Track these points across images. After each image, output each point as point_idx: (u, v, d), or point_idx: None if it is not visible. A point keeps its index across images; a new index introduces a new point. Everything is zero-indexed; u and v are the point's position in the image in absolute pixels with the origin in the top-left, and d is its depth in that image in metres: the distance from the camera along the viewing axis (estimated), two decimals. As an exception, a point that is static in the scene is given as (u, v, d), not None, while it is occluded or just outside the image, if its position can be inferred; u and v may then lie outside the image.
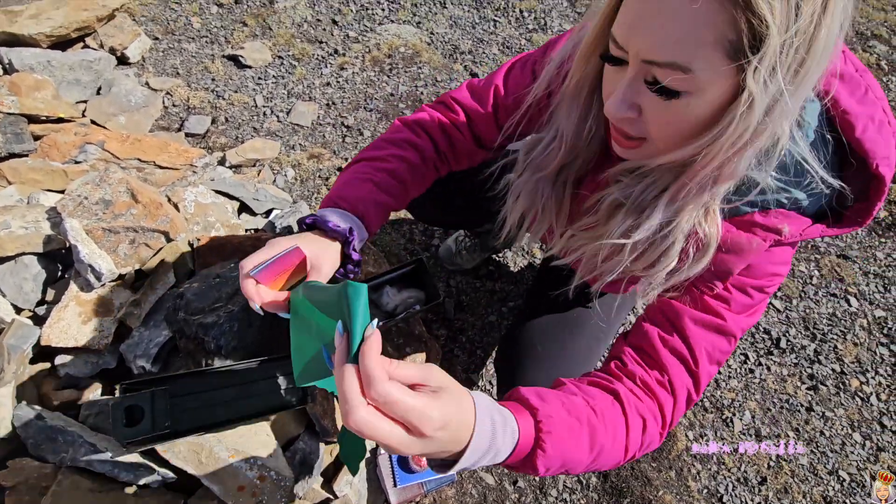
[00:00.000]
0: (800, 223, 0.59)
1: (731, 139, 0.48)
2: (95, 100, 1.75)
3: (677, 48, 0.45)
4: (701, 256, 0.60)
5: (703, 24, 0.43)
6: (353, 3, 2.28)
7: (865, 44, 2.37)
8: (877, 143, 0.55)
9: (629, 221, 0.61)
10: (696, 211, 0.57)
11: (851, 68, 0.57)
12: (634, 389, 0.62)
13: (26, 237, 1.08)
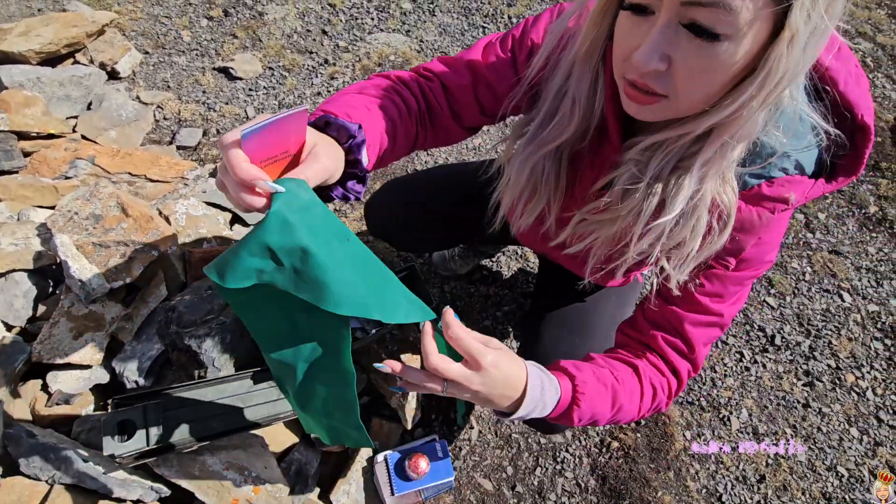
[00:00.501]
0: (804, 187, 0.60)
1: (770, 86, 0.47)
2: (86, 115, 1.75)
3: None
4: (723, 228, 0.60)
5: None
6: (343, 14, 2.29)
7: (850, 41, 2.39)
8: (858, 95, 0.57)
9: (653, 199, 0.59)
10: (717, 179, 0.57)
11: None
12: (649, 367, 0.72)
13: (16, 254, 1.08)
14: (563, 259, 0.91)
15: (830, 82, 0.57)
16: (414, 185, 1.15)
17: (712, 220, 0.60)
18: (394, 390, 0.76)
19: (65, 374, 1.02)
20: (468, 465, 1.32)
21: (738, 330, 1.59)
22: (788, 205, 0.61)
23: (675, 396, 0.73)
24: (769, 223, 0.63)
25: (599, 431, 1.38)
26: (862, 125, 0.58)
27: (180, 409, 0.94)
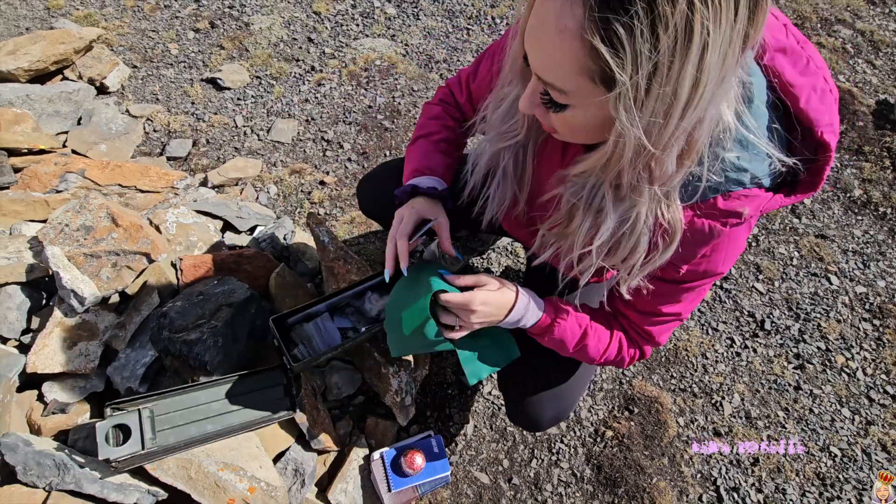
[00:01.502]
0: (759, 201, 0.61)
1: (620, 153, 0.52)
2: (76, 130, 1.77)
3: (553, 73, 0.51)
4: (669, 243, 0.63)
5: (570, 55, 0.47)
6: (328, 21, 2.32)
7: (830, 28, 2.42)
8: (820, 112, 0.58)
9: (588, 223, 0.64)
10: (652, 204, 0.59)
11: (793, 41, 0.60)
12: (622, 334, 0.85)
13: (9, 268, 1.09)
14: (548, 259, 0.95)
15: (791, 99, 0.58)
16: (400, 167, 1.17)
17: (657, 238, 0.63)
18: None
19: (60, 384, 1.04)
20: (464, 460, 1.33)
21: (727, 316, 1.61)
22: (741, 219, 0.62)
23: (635, 362, 0.90)
24: (722, 236, 0.65)
25: (593, 421, 1.40)
26: (821, 142, 0.58)
27: (175, 413, 0.96)
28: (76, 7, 2.30)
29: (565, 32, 0.46)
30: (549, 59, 0.50)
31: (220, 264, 1.22)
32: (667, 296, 0.75)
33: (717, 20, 0.42)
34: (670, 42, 0.42)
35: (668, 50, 0.43)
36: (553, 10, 0.46)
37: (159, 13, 2.31)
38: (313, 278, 1.45)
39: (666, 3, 0.41)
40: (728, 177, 0.59)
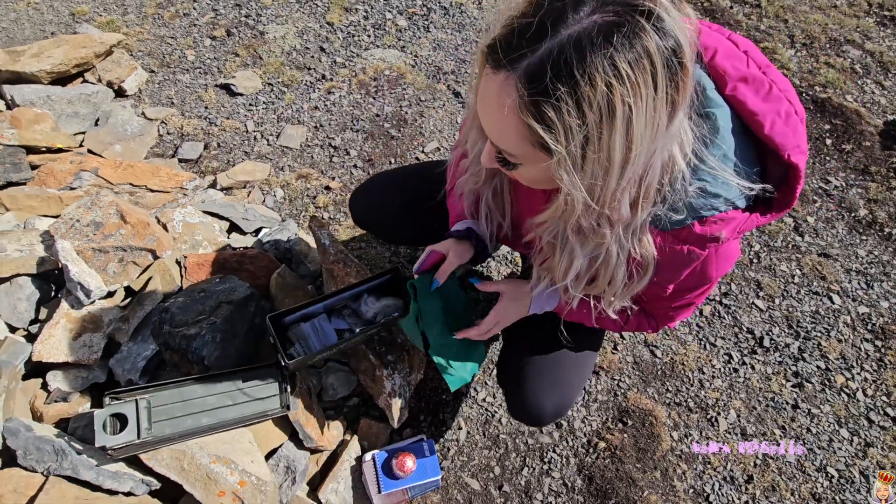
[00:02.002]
0: (736, 223, 0.64)
1: (572, 208, 0.57)
2: (93, 131, 1.83)
3: (501, 140, 0.58)
4: (644, 274, 0.69)
5: (512, 128, 0.54)
6: (340, 31, 2.38)
7: (839, 48, 2.43)
8: (786, 136, 0.61)
9: (564, 261, 0.70)
10: (622, 241, 0.64)
11: (755, 69, 0.63)
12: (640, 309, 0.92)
13: (21, 259, 1.14)
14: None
15: (756, 126, 0.61)
16: (394, 179, 1.21)
17: (632, 269, 0.69)
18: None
19: (64, 373, 1.07)
20: (456, 465, 1.33)
21: (726, 332, 1.61)
22: (719, 242, 0.65)
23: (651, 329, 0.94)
24: (702, 258, 0.69)
25: (586, 432, 1.40)
26: (790, 164, 0.61)
27: (171, 405, 0.98)
28: (99, 13, 2.39)
29: (505, 109, 0.52)
30: (496, 129, 0.57)
31: (223, 263, 1.25)
32: (673, 299, 0.81)
33: (637, 94, 0.47)
34: (596, 117, 0.48)
35: (595, 123, 0.48)
36: (494, 89, 0.53)
37: (178, 21, 2.38)
38: (314, 280, 1.48)
39: (587, 85, 0.46)
40: (703, 203, 0.62)
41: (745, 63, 0.63)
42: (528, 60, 0.49)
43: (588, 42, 0.46)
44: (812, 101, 2.19)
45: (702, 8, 2.58)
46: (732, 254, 0.73)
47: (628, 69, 0.46)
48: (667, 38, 0.47)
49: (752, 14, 2.55)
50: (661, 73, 0.48)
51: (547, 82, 0.48)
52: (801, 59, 2.35)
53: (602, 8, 0.47)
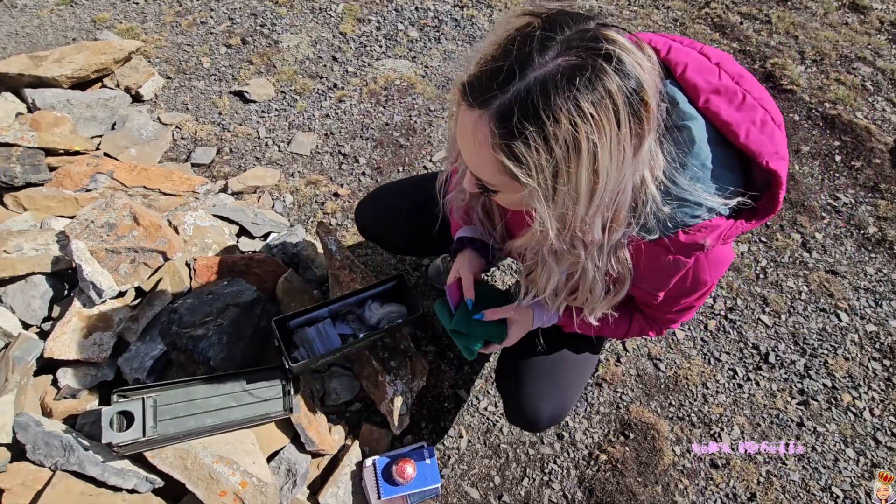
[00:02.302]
0: (721, 230, 0.65)
1: (546, 234, 0.60)
2: (110, 134, 1.88)
3: (478, 171, 0.61)
4: (621, 287, 0.73)
5: (486, 161, 0.57)
6: (353, 41, 2.42)
7: (850, 66, 2.43)
8: (762, 143, 0.62)
9: (545, 277, 0.74)
10: (599, 258, 0.67)
11: (727, 80, 0.65)
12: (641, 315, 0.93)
13: (37, 258, 1.17)
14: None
15: (732, 137, 0.63)
16: (397, 190, 1.22)
17: (610, 284, 0.73)
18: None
19: (74, 371, 1.09)
20: (456, 473, 1.34)
21: (731, 347, 1.60)
22: (704, 250, 0.67)
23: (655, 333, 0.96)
24: (690, 265, 0.70)
25: (588, 444, 1.39)
26: (768, 170, 0.63)
27: (177, 404, 1.00)
28: (120, 21, 2.46)
29: (479, 143, 0.56)
30: (473, 161, 0.60)
31: (231, 266, 1.28)
32: (670, 304, 0.82)
33: (601, 131, 0.51)
34: (563, 153, 0.52)
35: (562, 159, 0.52)
36: (469, 125, 0.56)
37: (195, 29, 2.44)
38: (320, 285, 1.50)
39: (553, 125, 0.50)
40: (686, 212, 0.64)
41: (716, 75, 0.65)
42: (499, 101, 0.53)
43: (553, 84, 0.50)
44: (822, 118, 2.19)
45: (712, 23, 2.60)
46: (725, 258, 0.74)
47: (591, 109, 0.50)
48: (627, 79, 0.51)
49: (763, 30, 2.56)
50: (623, 110, 0.51)
51: (515, 122, 0.51)
52: (811, 76, 2.35)
53: (566, 52, 0.51)
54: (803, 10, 2.65)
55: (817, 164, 2.05)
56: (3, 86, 1.87)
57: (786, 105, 2.24)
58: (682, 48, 0.68)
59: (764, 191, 0.64)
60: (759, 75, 2.36)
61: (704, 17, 2.63)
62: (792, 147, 2.10)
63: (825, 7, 2.67)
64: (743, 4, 2.68)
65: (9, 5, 2.54)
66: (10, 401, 0.97)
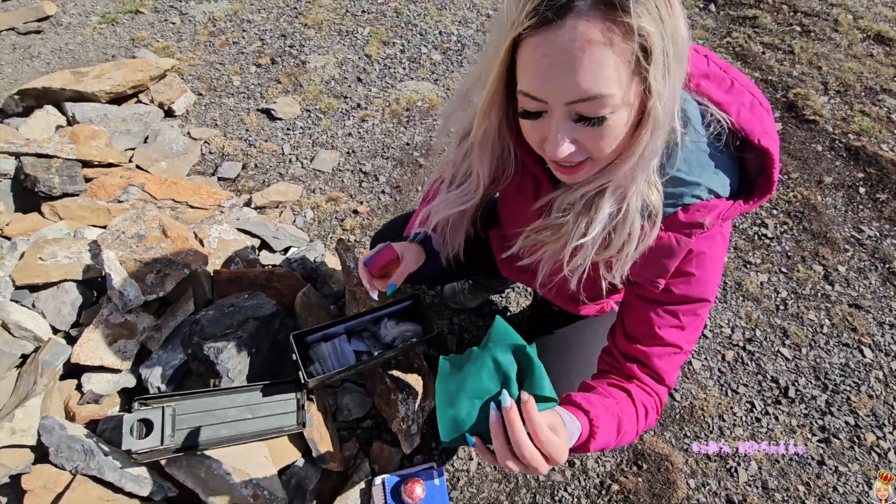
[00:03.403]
0: (719, 209, 0.66)
1: (651, 129, 0.57)
2: (142, 147, 1.95)
3: (597, 81, 0.53)
4: (653, 225, 0.66)
5: (610, 56, 0.52)
6: (378, 63, 2.50)
7: (875, 97, 2.40)
8: (751, 122, 0.64)
9: (583, 221, 0.67)
10: (640, 188, 0.64)
11: (716, 68, 0.67)
12: (638, 390, 0.79)
13: (69, 266, 1.22)
14: (546, 293, 0.99)
15: (726, 114, 0.64)
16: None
17: (644, 221, 0.66)
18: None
19: (97, 376, 1.13)
20: (465, 497, 1.33)
21: (749, 379, 1.57)
22: (704, 228, 0.67)
23: (659, 413, 0.82)
24: (689, 245, 0.69)
25: (600, 473, 1.37)
26: (760, 148, 0.64)
27: (194, 414, 1.02)
28: (157, 39, 2.58)
29: (588, 48, 0.51)
30: (591, 71, 0.53)
31: (252, 279, 1.31)
32: (663, 318, 0.77)
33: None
34: (666, 9, 0.52)
35: (668, 10, 0.52)
36: (566, 39, 0.52)
37: (227, 48, 2.54)
38: (337, 301, 1.53)
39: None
40: (684, 191, 0.65)
41: (705, 63, 0.67)
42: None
43: None
44: (845, 149, 2.17)
45: (733, 52, 2.61)
46: (718, 262, 0.73)
47: None
48: None
49: (785, 60, 2.56)
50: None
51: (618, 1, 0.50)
52: (834, 107, 2.34)
53: None
54: (827, 42, 2.65)
55: (840, 195, 2.02)
56: (46, 99, 1.97)
57: (808, 135, 2.23)
58: None
59: (759, 174, 0.66)
60: (782, 105, 2.35)
61: (726, 46, 2.64)
62: (814, 178, 2.08)
63: (849, 39, 2.66)
64: (765, 34, 2.69)
65: (55, 23, 2.69)
66: (37, 404, 1.00)
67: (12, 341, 1.12)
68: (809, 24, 2.73)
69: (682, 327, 0.77)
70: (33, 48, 2.54)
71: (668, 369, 0.80)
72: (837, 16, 2.77)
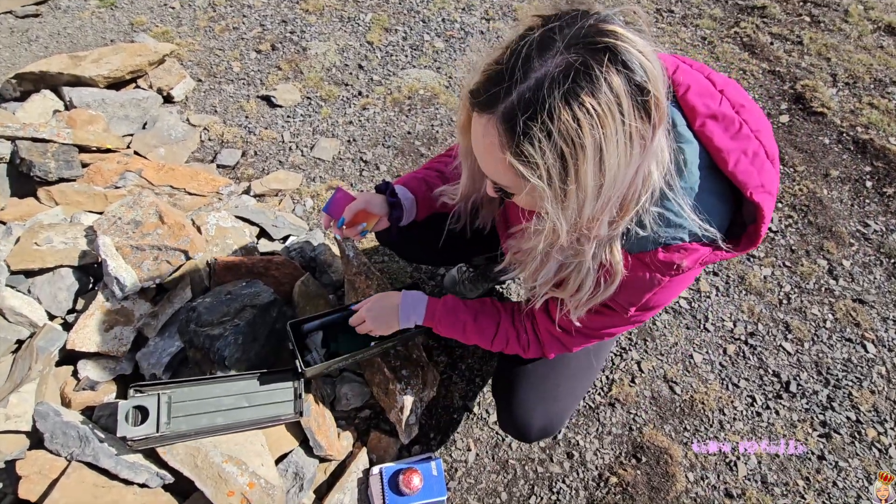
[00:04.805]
0: (698, 255, 0.65)
1: (557, 234, 0.60)
2: (140, 133, 1.93)
3: (492, 174, 0.62)
4: (611, 282, 0.70)
5: (499, 164, 0.58)
6: (379, 51, 2.46)
7: (884, 90, 2.37)
8: (749, 174, 0.62)
9: (537, 264, 0.73)
10: (597, 250, 0.66)
11: (727, 108, 0.65)
12: (519, 331, 0.95)
13: (65, 251, 1.20)
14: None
15: (721, 163, 0.63)
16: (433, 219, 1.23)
17: (601, 276, 0.70)
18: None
19: (94, 363, 1.12)
20: (462, 487, 1.32)
21: (750, 373, 1.55)
22: (680, 271, 0.67)
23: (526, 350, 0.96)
24: (663, 284, 0.70)
25: (598, 465, 1.37)
26: (752, 202, 0.63)
27: (190, 402, 1.02)
28: (156, 24, 2.54)
29: (489, 147, 0.57)
30: (487, 165, 0.62)
31: (250, 267, 1.30)
32: (603, 324, 0.83)
33: (605, 125, 0.51)
34: (569, 150, 0.51)
35: (569, 155, 0.52)
36: (480, 130, 0.58)
37: (227, 34, 2.51)
38: (336, 290, 1.51)
39: (556, 122, 0.50)
40: (667, 232, 0.64)
41: (717, 101, 0.65)
42: (503, 104, 0.53)
43: (553, 82, 0.50)
44: (853, 142, 2.14)
45: (741, 43, 2.56)
46: (684, 285, 0.75)
47: (593, 103, 0.50)
48: (631, 70, 0.51)
49: (794, 51, 2.52)
50: (627, 103, 0.51)
51: (520, 123, 0.52)
52: (842, 99, 2.30)
53: (566, 50, 0.51)
54: (837, 32, 2.60)
55: (847, 189, 2.00)
56: (44, 83, 1.94)
57: (815, 128, 2.20)
58: (689, 70, 0.69)
59: (751, 222, 0.65)
60: (789, 97, 2.32)
61: (734, 36, 2.60)
62: (820, 171, 2.05)
63: (860, 30, 2.61)
64: (774, 24, 2.64)
65: (53, 7, 2.65)
66: (31, 389, 0.99)
67: (7, 327, 1.11)
68: (819, 15, 2.68)
69: (612, 331, 0.84)
70: (31, 32, 2.51)
71: (580, 347, 0.91)
72: (848, 6, 2.72)
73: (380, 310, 1.02)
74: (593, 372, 1.10)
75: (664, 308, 1.67)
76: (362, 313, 1.02)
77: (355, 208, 0.98)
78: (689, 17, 2.69)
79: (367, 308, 1.02)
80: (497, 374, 1.13)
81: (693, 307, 1.69)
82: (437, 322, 0.99)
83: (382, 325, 1.02)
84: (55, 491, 0.88)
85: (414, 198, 1.03)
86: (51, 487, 0.90)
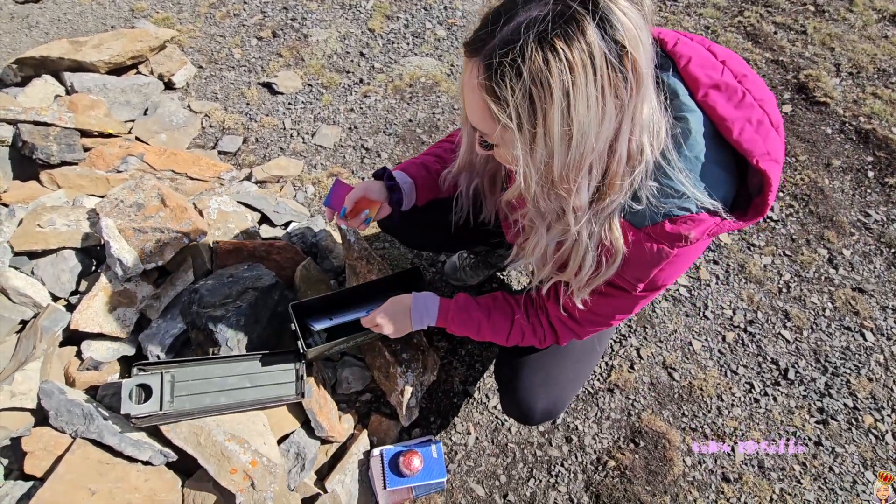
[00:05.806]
0: (706, 225, 0.64)
1: (529, 185, 0.61)
2: (142, 119, 1.93)
3: (473, 119, 0.63)
4: (613, 261, 0.70)
5: (479, 106, 0.60)
6: (381, 38, 2.45)
7: (888, 80, 2.36)
8: (754, 142, 0.62)
9: (533, 242, 0.74)
10: (592, 226, 0.66)
11: (729, 77, 0.65)
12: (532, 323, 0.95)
13: (68, 233, 1.21)
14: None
15: (725, 132, 0.63)
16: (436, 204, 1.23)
17: (602, 257, 0.70)
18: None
19: (97, 344, 1.13)
20: (462, 470, 1.34)
21: (749, 360, 1.56)
22: (688, 242, 0.66)
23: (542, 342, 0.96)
24: (671, 257, 0.68)
25: (596, 449, 1.38)
26: (758, 170, 0.62)
27: (193, 382, 1.03)
28: (157, 10, 2.53)
29: (472, 88, 0.59)
30: (470, 109, 0.63)
31: (252, 251, 1.30)
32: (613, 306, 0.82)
33: (574, 72, 0.52)
34: (537, 90, 0.52)
35: (537, 96, 0.53)
36: (466, 73, 0.61)
37: (228, 20, 2.50)
38: (337, 276, 1.52)
39: (527, 60, 0.52)
40: (673, 202, 0.63)
41: (719, 72, 0.65)
42: (487, 45, 0.56)
43: (531, 26, 0.52)
44: (856, 132, 2.13)
45: (744, 32, 2.55)
46: (689, 261, 0.74)
47: (565, 49, 0.51)
48: (610, 25, 0.51)
49: (797, 40, 2.50)
50: (600, 57, 0.52)
51: (496, 62, 0.54)
52: (845, 89, 2.29)
53: (551, 1, 0.53)
54: (841, 22, 2.59)
55: (848, 178, 1.99)
56: (45, 69, 1.94)
57: (818, 118, 2.19)
58: (689, 42, 0.69)
59: (757, 193, 0.64)
60: (792, 86, 2.31)
61: (737, 25, 2.58)
62: (822, 160, 2.05)
63: (864, 19, 2.60)
64: (778, 14, 2.62)
65: (53, -8, 2.63)
66: (36, 368, 1.00)
67: (11, 307, 1.11)
68: (823, 4, 2.66)
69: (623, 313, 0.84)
70: (32, 17, 2.50)
71: (591, 331, 0.90)
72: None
73: (393, 314, 1.01)
74: (596, 356, 1.11)
75: (664, 295, 1.68)
76: (377, 319, 1.01)
77: (355, 196, 0.99)
78: (692, 6, 2.67)
79: (380, 315, 1.01)
80: (500, 358, 1.14)
81: (693, 295, 1.70)
82: (451, 322, 0.98)
83: (397, 330, 1.01)
84: (60, 466, 0.90)
85: (413, 182, 1.03)
86: (56, 463, 0.91)
